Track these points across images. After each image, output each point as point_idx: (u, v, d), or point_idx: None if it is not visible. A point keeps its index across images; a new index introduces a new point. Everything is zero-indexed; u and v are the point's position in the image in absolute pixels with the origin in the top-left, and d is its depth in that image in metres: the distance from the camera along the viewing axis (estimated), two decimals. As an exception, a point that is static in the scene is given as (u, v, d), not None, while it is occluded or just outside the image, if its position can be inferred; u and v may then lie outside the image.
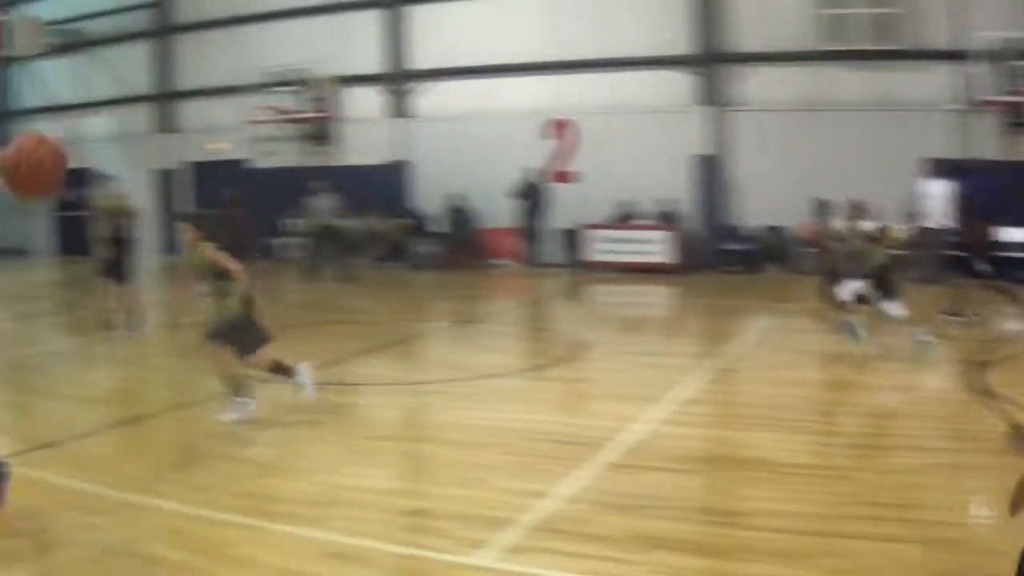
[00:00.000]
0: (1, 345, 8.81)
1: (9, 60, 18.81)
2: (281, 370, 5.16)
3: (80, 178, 12.82)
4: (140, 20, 17.02)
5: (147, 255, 15.57)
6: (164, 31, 16.99)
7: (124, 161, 17.45)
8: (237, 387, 4.99)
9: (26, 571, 3.26)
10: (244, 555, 3.34)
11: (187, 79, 16.77)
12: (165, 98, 17.02)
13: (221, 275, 4.94)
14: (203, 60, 16.20)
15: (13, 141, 2.61)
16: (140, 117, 17.38)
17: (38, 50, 17.77)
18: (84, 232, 9.56)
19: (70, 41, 17.65)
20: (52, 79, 18.50)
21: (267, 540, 3.46)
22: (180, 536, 3.55)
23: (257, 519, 3.63)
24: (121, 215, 7.98)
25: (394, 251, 13.91)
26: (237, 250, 9.66)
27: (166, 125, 16.93)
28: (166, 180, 16.99)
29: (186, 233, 5.05)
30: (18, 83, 19.41)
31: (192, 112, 16.62)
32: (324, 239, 12.59)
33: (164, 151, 16.92)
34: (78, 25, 17.55)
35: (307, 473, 4.27)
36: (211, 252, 4.96)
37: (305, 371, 5.23)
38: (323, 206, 12.72)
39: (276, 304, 10.59)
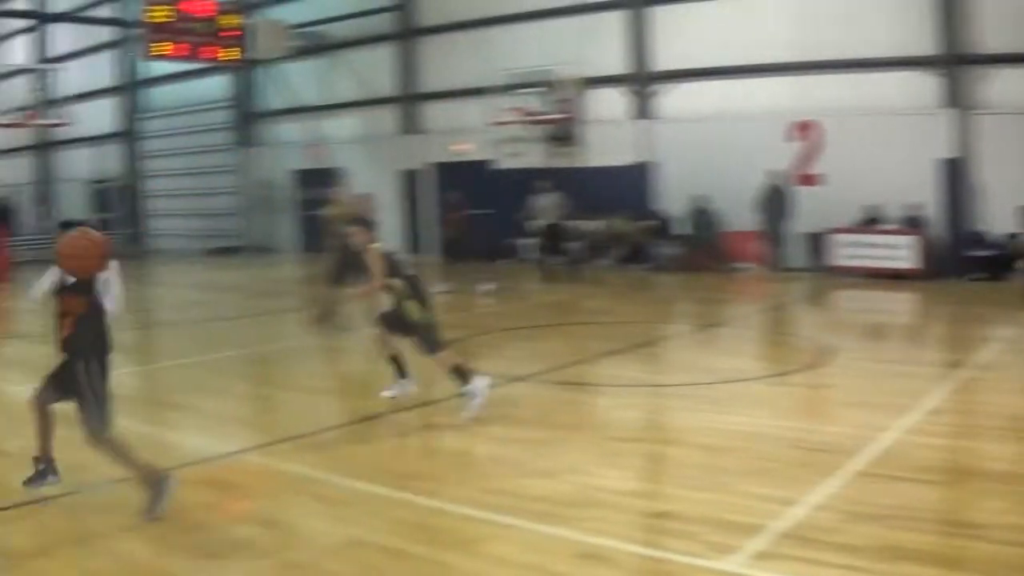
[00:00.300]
0: (246, 340, 12.77)
1: (254, 63, 25.97)
2: (460, 374, 7.64)
3: (323, 178, 22.24)
4: (383, 23, 24.00)
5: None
6: (407, 33, 23.74)
7: (369, 162, 24.02)
8: (400, 368, 7.90)
9: (270, 562, 4.81)
10: (492, 552, 4.84)
11: (431, 81, 23.59)
12: (409, 100, 23.87)
13: (393, 274, 7.65)
14: (447, 62, 22.91)
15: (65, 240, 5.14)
16: (384, 119, 24.59)
17: (282, 53, 24.45)
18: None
19: (314, 44, 25.21)
20: (296, 81, 26.72)
21: (515, 537, 4.99)
22: (424, 530, 5.18)
23: (504, 516, 5.28)
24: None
25: (636, 253, 19.43)
26: (460, 251, 17.44)
27: (410, 126, 23.89)
28: (410, 181, 23.86)
29: (357, 236, 7.88)
30: (263, 86, 27.97)
31: (436, 113, 23.50)
32: (548, 238, 18.46)
33: (408, 152, 23.85)
34: (322, 28, 25.14)
35: (555, 472, 6.08)
36: (372, 253, 7.68)
37: (478, 388, 7.59)
38: (547, 206, 18.39)
39: (519, 304, 15.49)
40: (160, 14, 22.84)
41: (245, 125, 28.86)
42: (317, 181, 25.99)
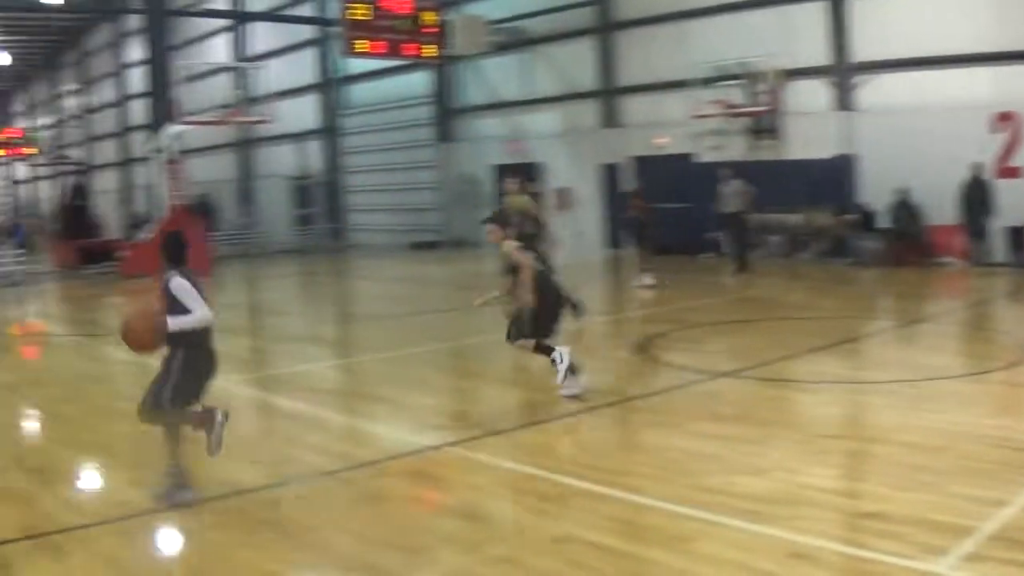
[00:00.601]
0: (447, 333, 14.90)
1: (453, 59, 30.84)
2: (543, 350, 9.61)
3: (523, 173, 26.31)
4: (583, 17, 28.17)
5: (590, 249, 29.21)
6: (607, 27, 27.75)
7: (570, 156, 28.51)
8: (575, 369, 9.57)
9: (477, 556, 5.61)
10: (700, 550, 5.52)
11: (630, 74, 27.50)
12: (608, 93, 27.91)
13: (516, 270, 9.68)
14: (646, 55, 26.74)
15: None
16: (584, 113, 28.76)
17: (482, 49, 28.80)
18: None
19: (513, 39, 29.80)
20: (496, 77, 31.48)
21: (722, 536, 5.69)
22: (631, 526, 5.95)
23: (711, 513, 6.03)
24: (526, 215, 14.96)
25: (837, 247, 22.45)
26: (644, 242, 20.81)
27: (610, 120, 27.95)
28: (612, 175, 27.88)
29: (492, 233, 9.85)
30: (463, 81, 32.94)
31: (636, 107, 27.42)
32: (732, 228, 21.62)
33: (609, 146, 27.94)
34: (521, 23, 29.73)
35: (762, 470, 6.89)
36: (509, 247, 9.72)
37: (564, 354, 9.51)
38: (729, 194, 21.45)
39: (719, 298, 18.08)
40: (359, 11, 26.90)
41: (445, 121, 34.04)
42: (517, 176, 30.50)
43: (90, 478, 8.23)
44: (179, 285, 6.83)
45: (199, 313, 6.87)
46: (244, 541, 6.23)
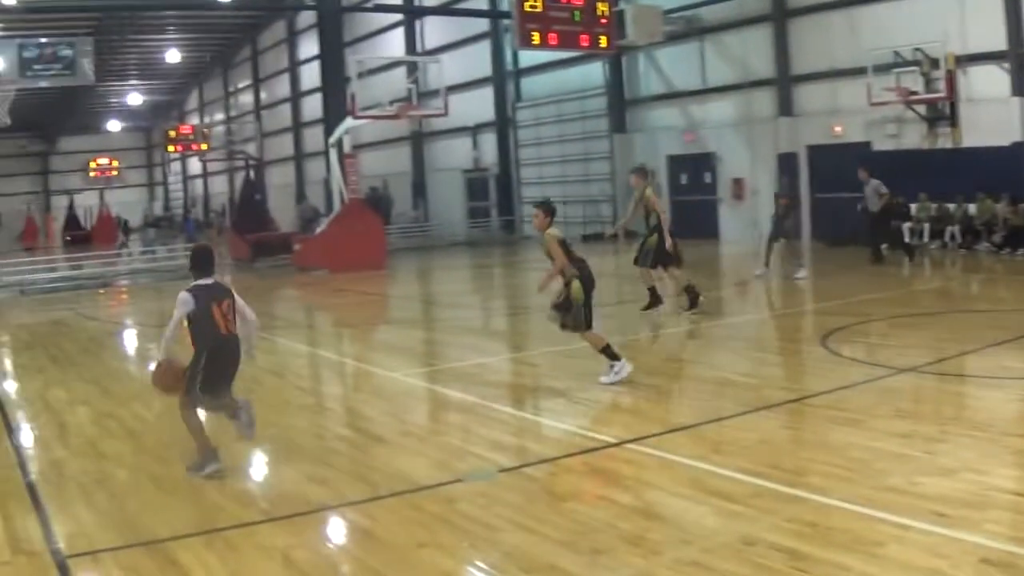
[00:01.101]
0: (621, 327, 15.29)
1: (628, 49, 33.27)
2: (608, 354, 10.76)
3: (699, 163, 28.87)
4: (757, 4, 30.06)
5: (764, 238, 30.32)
6: (782, 15, 29.57)
7: (746, 145, 30.48)
8: (610, 356, 10.80)
9: (663, 559, 5.82)
10: (892, 556, 5.63)
11: (806, 62, 29.27)
12: (784, 82, 29.77)
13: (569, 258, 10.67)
14: (821, 42, 28.39)
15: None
16: (760, 101, 30.64)
17: (656, 38, 30.82)
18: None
19: (687, 28, 32.00)
20: (670, 66, 33.72)
21: (914, 540, 5.81)
22: (819, 529, 6.09)
23: (901, 516, 6.15)
24: (647, 205, 16.06)
25: (1016, 237, 23.45)
26: (788, 234, 21.99)
27: (786, 108, 29.82)
28: (789, 163, 29.59)
29: (537, 219, 10.86)
30: (637, 71, 35.34)
31: (812, 95, 29.20)
32: (872, 224, 22.76)
33: (785, 134, 29.80)
34: (695, 12, 31.93)
35: (951, 471, 6.97)
36: (549, 238, 10.72)
37: (622, 367, 10.71)
38: (870, 195, 22.56)
39: (895, 290, 18.87)
40: (531, 3, 28.41)
41: (619, 111, 36.44)
42: (693, 166, 32.49)
43: (264, 472, 8.76)
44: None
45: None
46: (421, 539, 6.50)
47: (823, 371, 11.23)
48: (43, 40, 31.81)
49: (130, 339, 19.45)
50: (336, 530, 7.10)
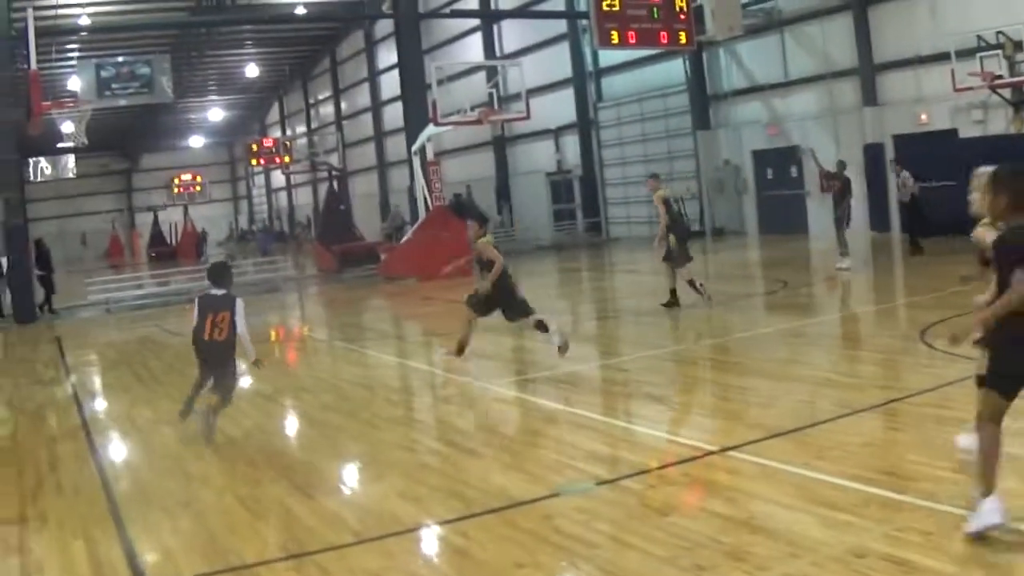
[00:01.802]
0: (714, 328, 15.78)
1: (708, 44, 33.46)
2: (541, 327, 12.91)
3: (784, 158, 29.24)
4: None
5: (854, 232, 30.55)
6: (862, 2, 29.51)
7: (830, 137, 30.36)
8: (462, 343, 13.45)
9: (773, 574, 5.72)
10: (1019, 567, 5.50)
11: (889, 50, 29.24)
12: (867, 71, 29.78)
13: (485, 265, 12.89)
14: (903, 28, 28.40)
15: None
16: (843, 92, 30.72)
17: (736, 32, 30.55)
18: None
19: (767, 20, 32.24)
20: (752, 59, 33.93)
21: None
22: (934, 539, 5.91)
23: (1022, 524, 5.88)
24: (665, 204, 17.25)
25: None
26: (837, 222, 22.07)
27: (870, 98, 29.82)
28: (874, 155, 29.71)
29: (471, 229, 13.29)
30: (719, 67, 35.53)
31: (896, 83, 29.22)
32: (907, 214, 23.31)
33: (870, 125, 29.91)
34: (774, 4, 32.16)
35: None
36: (484, 245, 12.91)
37: (556, 331, 12.77)
38: (899, 186, 23.15)
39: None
40: (609, 2, 28.54)
41: (702, 108, 36.72)
42: (778, 160, 32.83)
43: (355, 490, 8.80)
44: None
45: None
46: (518, 559, 6.40)
47: (924, 368, 11.11)
48: (120, 59, 32.89)
49: None
50: (429, 550, 7.07)
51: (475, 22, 48.18)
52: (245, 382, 13.56)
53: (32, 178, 58.22)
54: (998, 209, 6.10)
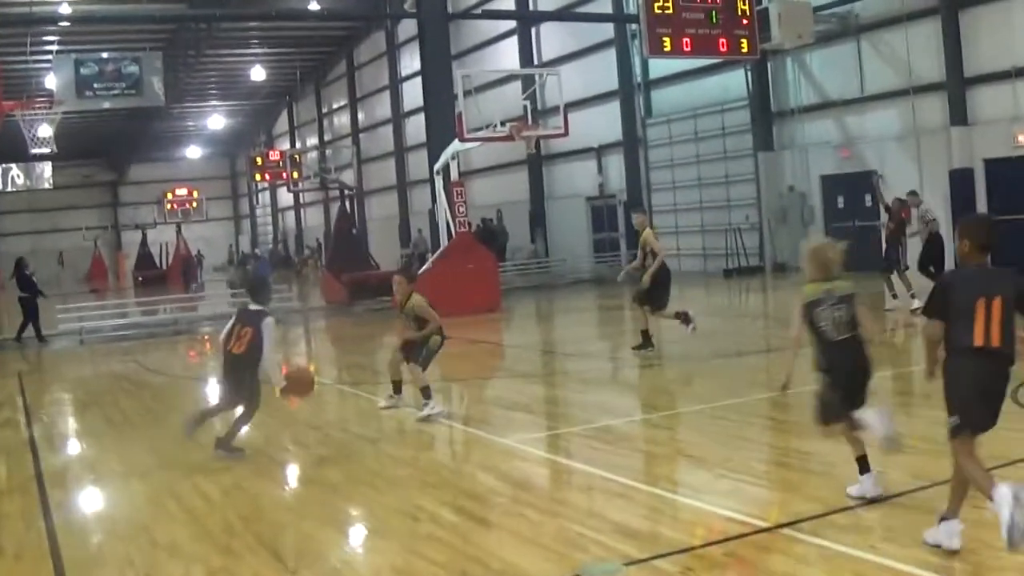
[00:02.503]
0: (770, 380, 14.98)
1: (774, 54, 33.20)
2: (425, 393, 13.71)
3: (856, 183, 28.72)
4: (922, -3, 29.54)
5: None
6: (952, 6, 29.11)
7: (911, 161, 30.01)
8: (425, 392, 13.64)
9: None
10: None
11: (982, 61, 28.84)
12: (956, 85, 29.36)
13: (422, 324, 13.76)
14: (1001, 36, 27.96)
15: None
16: (929, 109, 30.30)
17: (806, 40, 30.58)
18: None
19: (842, 27, 31.90)
20: (823, 72, 33.57)
21: None
22: None
23: None
24: (644, 246, 18.15)
25: None
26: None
27: (959, 116, 29.38)
28: (964, 180, 29.24)
29: (400, 286, 14.06)
30: (786, 80, 35.16)
31: (990, 99, 28.76)
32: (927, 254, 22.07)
33: (959, 147, 29.43)
34: (850, 8, 31.81)
35: None
36: (419, 303, 13.91)
37: (434, 406, 13.52)
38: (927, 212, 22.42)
39: None
40: (662, 5, 28.62)
41: (765, 126, 36.52)
42: (851, 186, 32.40)
43: (345, 565, 8.52)
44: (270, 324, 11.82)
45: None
46: None
47: (1015, 431, 10.42)
48: (104, 55, 32.78)
49: (201, 397, 19.05)
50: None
51: (510, 25, 48.13)
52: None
53: (1, 187, 57.98)
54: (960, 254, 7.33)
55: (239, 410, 12.08)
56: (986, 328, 6.96)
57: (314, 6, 50.69)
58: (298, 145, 74.76)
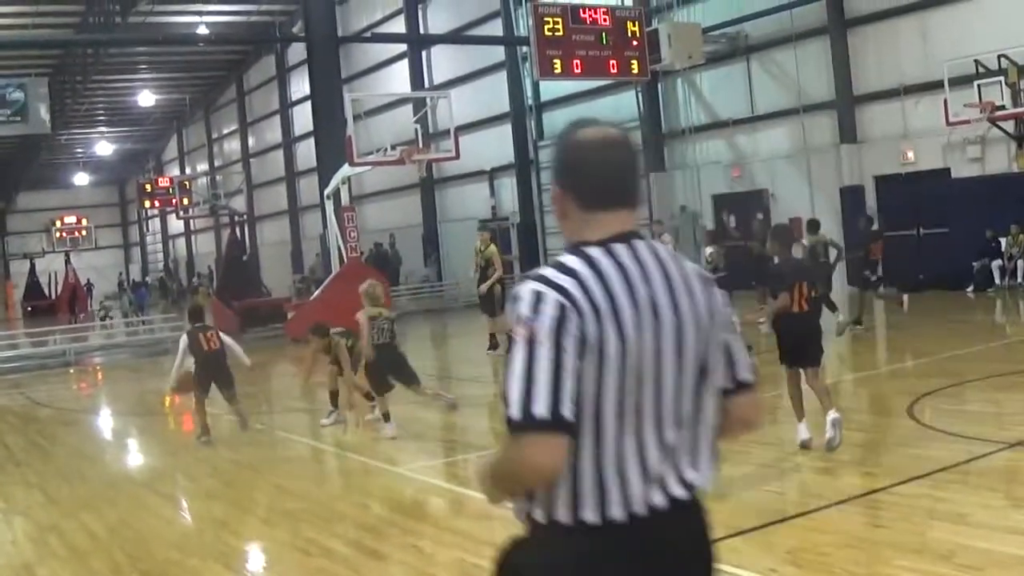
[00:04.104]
0: None
1: (664, 74, 32.92)
2: (368, 398, 14.71)
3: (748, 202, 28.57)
4: (811, 16, 29.70)
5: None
6: (840, 25, 29.20)
7: (803, 178, 30.05)
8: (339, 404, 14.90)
9: None
10: None
11: (871, 79, 28.90)
12: (846, 103, 29.40)
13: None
14: (888, 55, 28.06)
15: None
16: (819, 128, 30.39)
17: (696, 60, 30.34)
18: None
19: (732, 47, 31.90)
20: (714, 92, 33.41)
21: None
22: None
23: None
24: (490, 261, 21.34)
25: None
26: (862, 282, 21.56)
27: (849, 134, 29.41)
28: (853, 198, 29.16)
29: (312, 343, 15.21)
30: (676, 100, 34.98)
31: (878, 117, 28.88)
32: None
33: (847, 164, 29.47)
34: (739, 28, 31.71)
35: None
36: (340, 346, 14.61)
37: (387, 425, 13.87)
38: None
39: (989, 342, 18.23)
40: (552, 27, 28.30)
41: (657, 147, 36.16)
42: (742, 205, 32.16)
43: None
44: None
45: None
46: None
47: (913, 448, 10.63)
48: (-14, 81, 31.58)
49: (89, 431, 18.75)
50: None
51: (400, 48, 47.40)
52: (117, 464, 14.21)
53: None
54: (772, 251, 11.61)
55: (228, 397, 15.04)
56: (798, 300, 10.90)
57: (203, 30, 49.61)
58: (188, 171, 73.48)
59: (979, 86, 25.68)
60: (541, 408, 2.93)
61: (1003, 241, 25.77)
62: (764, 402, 14.20)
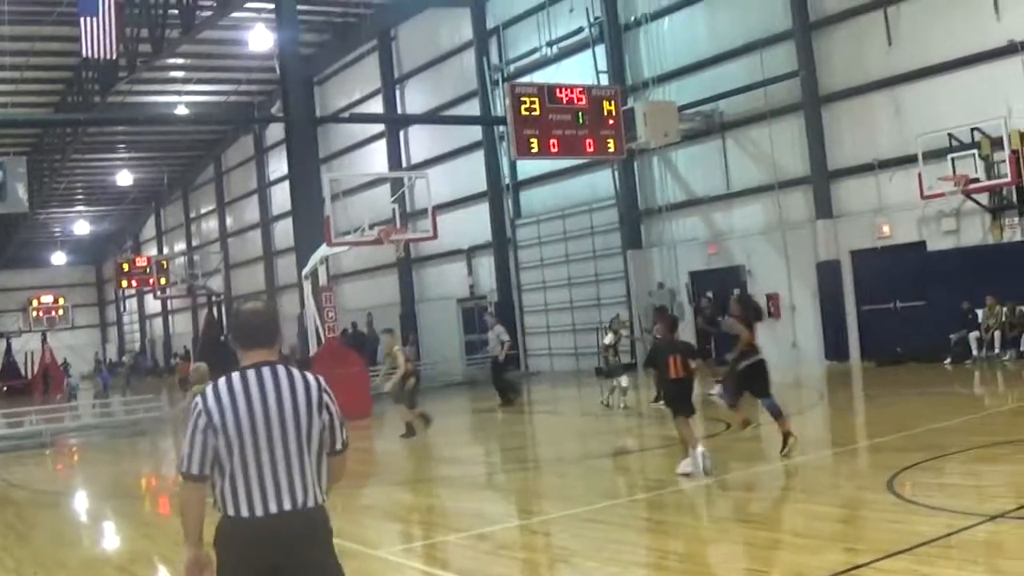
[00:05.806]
0: (647, 481, 14.56)
1: (640, 153, 32.94)
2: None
3: (725, 278, 28.45)
4: (785, 93, 30.00)
5: (807, 362, 30.31)
6: (814, 102, 29.44)
7: (779, 254, 30.16)
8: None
9: None
10: None
11: (845, 154, 29.11)
12: (821, 179, 29.54)
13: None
14: (862, 130, 28.34)
15: None
16: (795, 203, 30.52)
17: (672, 139, 30.58)
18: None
19: (707, 125, 32.09)
20: (690, 170, 33.66)
21: None
22: None
23: None
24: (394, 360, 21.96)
25: None
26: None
27: (824, 210, 29.45)
28: (831, 273, 29.36)
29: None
30: (653, 177, 35.08)
31: (853, 192, 28.99)
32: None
33: (823, 240, 29.54)
34: (714, 106, 31.93)
35: None
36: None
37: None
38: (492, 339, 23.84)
39: (969, 414, 17.83)
40: (528, 107, 28.47)
41: (633, 224, 36.24)
42: (719, 282, 32.22)
43: None
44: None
45: None
46: None
47: (895, 523, 10.51)
48: (-37, 160, 31.37)
49: (66, 513, 18.29)
50: None
51: (378, 128, 47.56)
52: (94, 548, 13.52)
53: None
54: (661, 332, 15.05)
55: None
56: (675, 368, 14.25)
57: (182, 110, 49.75)
58: (165, 251, 73.30)
59: (953, 159, 25.88)
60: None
61: (979, 312, 25.71)
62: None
